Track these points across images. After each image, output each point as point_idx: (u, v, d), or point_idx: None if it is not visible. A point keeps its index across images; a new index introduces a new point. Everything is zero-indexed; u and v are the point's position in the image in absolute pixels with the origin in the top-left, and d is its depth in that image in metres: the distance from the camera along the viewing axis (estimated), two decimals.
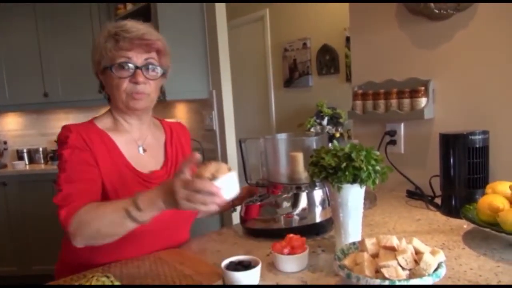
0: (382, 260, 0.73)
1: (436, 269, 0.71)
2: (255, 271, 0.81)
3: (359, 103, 1.64)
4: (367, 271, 0.72)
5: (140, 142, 1.15)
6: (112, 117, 1.15)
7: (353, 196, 0.92)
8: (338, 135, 3.23)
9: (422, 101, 1.45)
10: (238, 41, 4.39)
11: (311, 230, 1.10)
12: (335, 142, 0.96)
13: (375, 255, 0.77)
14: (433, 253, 0.74)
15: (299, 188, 1.12)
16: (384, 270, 0.71)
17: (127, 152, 1.11)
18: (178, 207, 0.82)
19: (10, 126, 3.77)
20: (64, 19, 3.23)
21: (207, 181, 0.79)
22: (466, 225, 1.11)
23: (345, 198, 0.92)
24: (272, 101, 4.37)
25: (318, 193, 1.12)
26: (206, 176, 0.80)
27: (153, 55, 1.09)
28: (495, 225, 0.96)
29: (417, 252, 0.75)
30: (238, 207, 1.33)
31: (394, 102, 1.52)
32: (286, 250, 0.89)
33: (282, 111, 4.27)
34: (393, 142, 1.60)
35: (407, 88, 1.49)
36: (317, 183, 1.09)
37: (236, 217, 1.27)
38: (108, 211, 0.90)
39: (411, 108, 1.48)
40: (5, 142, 3.65)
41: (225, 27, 2.77)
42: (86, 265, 1.01)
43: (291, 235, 0.93)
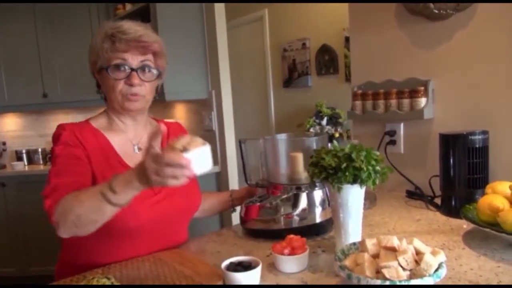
0: (382, 261, 0.73)
1: (436, 270, 0.71)
2: (255, 271, 0.81)
3: (358, 103, 1.64)
4: (367, 271, 0.72)
5: (135, 142, 1.16)
6: (107, 117, 1.16)
7: (353, 196, 0.92)
8: (337, 135, 3.23)
9: (422, 101, 1.45)
10: (237, 41, 4.38)
11: (311, 231, 1.10)
12: (335, 143, 0.96)
13: (375, 256, 0.76)
14: (433, 253, 0.74)
15: (299, 188, 1.12)
16: (385, 271, 0.70)
17: (121, 151, 1.11)
18: (151, 184, 0.80)
19: (9, 127, 3.76)
20: (63, 19, 3.23)
21: (177, 154, 0.76)
22: (466, 225, 1.11)
23: (345, 199, 0.91)
24: (271, 101, 4.37)
25: (318, 194, 1.12)
26: (177, 148, 0.78)
27: (149, 57, 1.10)
28: (495, 225, 0.95)
29: (418, 253, 0.75)
30: (237, 208, 1.33)
31: (393, 102, 1.52)
32: (286, 251, 0.89)
33: (281, 111, 4.27)
34: (393, 142, 1.60)
35: (407, 88, 1.49)
36: (317, 184, 1.09)
37: (236, 218, 1.27)
38: (86, 197, 0.89)
39: (410, 108, 1.48)
40: (4, 143, 3.64)
41: (224, 27, 2.77)
42: (86, 266, 1.01)
43: (291, 236, 0.93)
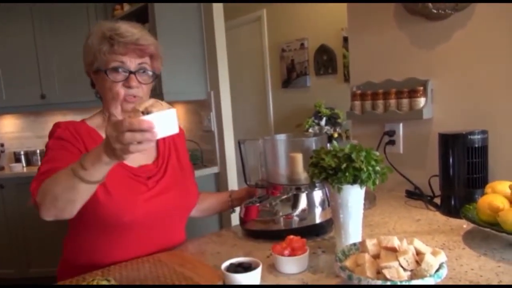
0: (383, 261, 0.73)
1: (437, 270, 0.71)
2: (255, 273, 0.81)
3: (357, 103, 1.64)
4: (368, 272, 0.72)
5: None
6: (102, 116, 1.17)
7: (353, 196, 0.91)
8: (336, 135, 3.23)
9: (421, 101, 1.45)
10: (235, 42, 4.38)
11: (311, 231, 1.10)
12: (335, 143, 0.96)
13: (376, 256, 0.76)
14: (434, 253, 0.74)
15: (298, 189, 1.12)
16: (386, 271, 0.70)
17: None
18: (116, 155, 0.78)
19: (7, 128, 3.75)
20: (61, 20, 3.22)
21: (135, 119, 0.74)
22: (465, 225, 1.11)
23: (345, 199, 0.91)
24: (270, 102, 4.37)
25: (317, 194, 1.11)
26: (139, 110, 0.76)
27: (146, 60, 1.12)
28: (495, 225, 0.95)
29: (418, 253, 0.75)
30: (237, 208, 1.33)
31: (392, 102, 1.52)
32: (286, 252, 0.89)
33: (280, 111, 4.27)
34: (392, 142, 1.60)
35: (406, 88, 1.49)
36: (317, 184, 1.09)
37: (235, 218, 1.27)
38: (60, 176, 0.88)
39: (410, 108, 1.48)
40: (2, 145, 3.63)
41: (223, 27, 2.77)
42: (86, 265, 1.02)
43: (291, 237, 0.93)
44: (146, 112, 0.75)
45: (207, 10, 2.74)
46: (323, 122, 3.28)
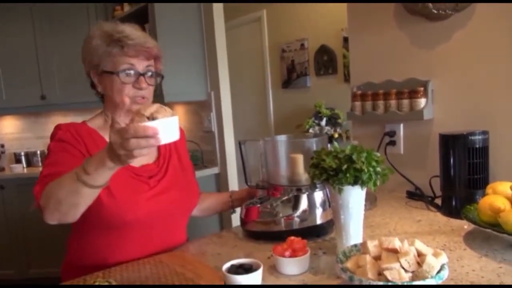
0: (384, 263, 0.72)
1: (439, 271, 0.71)
2: (256, 274, 0.81)
3: (358, 104, 1.64)
4: (369, 273, 0.71)
5: None
6: (103, 117, 1.19)
7: (354, 197, 0.91)
8: (336, 135, 3.23)
9: (421, 102, 1.45)
10: (235, 42, 4.38)
11: (311, 232, 1.10)
12: (336, 144, 0.96)
13: (377, 258, 0.76)
14: (435, 255, 0.74)
15: (299, 190, 1.12)
16: (387, 273, 0.70)
17: None
18: (121, 161, 0.79)
19: (7, 129, 3.75)
20: (61, 20, 3.22)
21: (139, 125, 0.75)
22: (466, 226, 1.10)
23: (346, 200, 0.91)
24: (270, 102, 4.37)
25: (318, 195, 1.11)
26: (146, 115, 0.76)
27: (151, 62, 1.14)
28: (496, 225, 0.95)
29: (420, 254, 0.74)
30: (237, 209, 1.33)
31: (393, 102, 1.52)
32: (287, 253, 0.89)
33: (280, 112, 4.27)
34: (393, 143, 1.60)
35: (406, 88, 1.49)
36: (318, 185, 1.09)
37: (236, 219, 1.27)
38: (64, 180, 0.89)
39: (410, 108, 1.47)
40: (3, 145, 3.63)
41: (223, 28, 2.77)
42: (90, 265, 1.02)
43: (292, 238, 0.92)
44: (152, 117, 0.76)
45: (207, 10, 2.74)
46: (323, 123, 3.28)
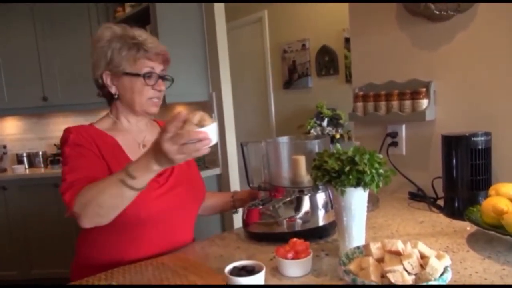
0: (387, 265, 0.72)
1: (442, 274, 0.71)
2: (259, 276, 0.81)
3: (360, 104, 1.64)
4: (372, 276, 0.71)
5: (139, 140, 1.22)
6: (111, 120, 1.21)
7: (357, 199, 0.91)
8: (338, 136, 3.23)
9: (424, 103, 1.45)
10: (237, 43, 4.38)
11: (314, 234, 1.09)
12: (338, 145, 0.96)
13: (380, 260, 0.76)
14: (438, 257, 0.74)
15: (301, 191, 1.11)
16: (390, 275, 0.70)
17: (127, 148, 1.17)
18: (173, 163, 0.87)
19: (9, 130, 3.76)
20: (63, 22, 3.23)
21: (193, 131, 0.82)
22: (469, 227, 1.10)
23: (348, 202, 0.91)
24: (271, 103, 4.36)
25: (321, 196, 1.11)
26: (194, 122, 0.84)
27: (165, 66, 1.22)
28: (499, 227, 0.95)
29: (423, 257, 0.74)
30: (239, 209, 1.34)
31: (395, 103, 1.51)
32: (290, 255, 0.89)
33: (281, 112, 4.27)
34: (395, 144, 1.60)
35: (408, 89, 1.49)
36: (320, 186, 1.09)
37: (238, 220, 1.27)
38: (105, 186, 0.94)
39: (412, 109, 1.47)
40: (5, 146, 3.64)
41: (224, 28, 2.77)
42: (104, 265, 1.04)
43: (295, 240, 0.92)
44: (199, 124, 0.85)
45: (208, 11, 2.74)
46: (325, 123, 3.28)
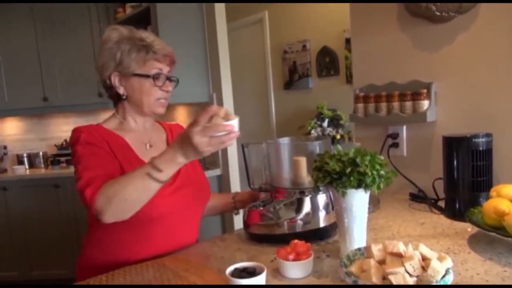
0: (389, 267, 0.72)
1: (443, 276, 0.71)
2: (260, 278, 0.81)
3: (360, 105, 1.64)
4: (374, 278, 0.71)
5: (146, 140, 1.24)
6: (117, 120, 1.23)
7: (358, 201, 0.91)
8: (338, 137, 3.23)
9: (424, 104, 1.45)
10: (237, 43, 4.38)
11: (315, 235, 1.09)
12: (339, 146, 0.96)
13: (381, 262, 0.76)
14: (440, 259, 0.74)
15: (302, 192, 1.11)
16: (392, 277, 0.70)
17: (136, 148, 1.19)
18: (201, 155, 0.91)
19: (10, 131, 3.76)
20: (63, 22, 3.23)
21: (222, 124, 0.87)
22: (470, 228, 1.10)
23: (349, 203, 0.91)
24: (272, 104, 4.36)
25: (321, 198, 1.11)
26: (221, 116, 0.89)
27: (171, 68, 1.23)
28: (500, 229, 0.95)
29: (424, 258, 0.74)
30: (241, 210, 1.35)
31: (396, 104, 1.51)
32: (291, 256, 0.89)
33: (282, 113, 4.27)
34: (396, 145, 1.60)
35: (409, 90, 1.49)
36: (321, 188, 1.09)
37: (238, 221, 1.27)
38: (130, 180, 0.95)
39: (413, 110, 1.47)
40: (5, 147, 3.64)
41: (225, 29, 2.77)
42: (112, 264, 1.04)
43: (296, 241, 0.92)
44: (226, 118, 0.89)
45: (209, 11, 2.74)
46: (325, 124, 3.28)
